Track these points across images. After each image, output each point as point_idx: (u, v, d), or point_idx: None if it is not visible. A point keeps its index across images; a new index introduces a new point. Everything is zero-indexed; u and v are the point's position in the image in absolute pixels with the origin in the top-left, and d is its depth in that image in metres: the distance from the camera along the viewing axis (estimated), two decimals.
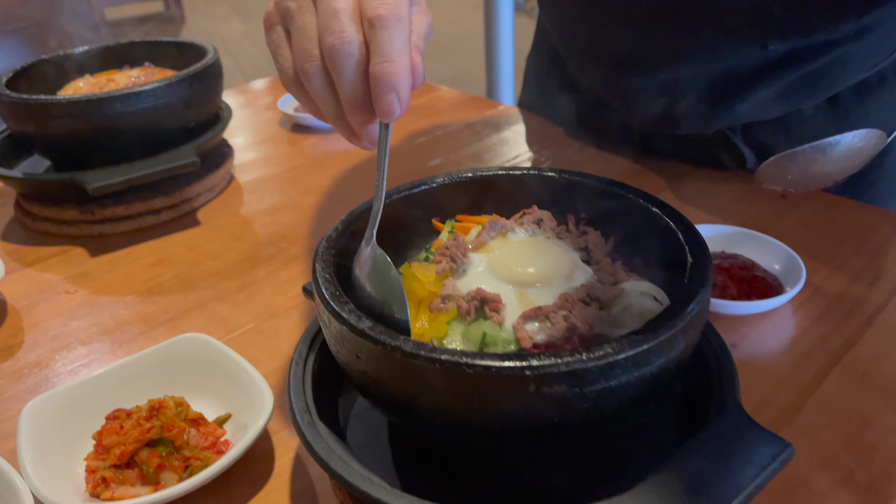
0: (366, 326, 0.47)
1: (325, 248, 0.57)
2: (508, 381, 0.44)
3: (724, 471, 0.46)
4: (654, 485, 0.45)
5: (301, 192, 1.11)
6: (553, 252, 0.58)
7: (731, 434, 0.49)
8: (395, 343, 0.46)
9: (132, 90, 0.97)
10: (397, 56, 0.49)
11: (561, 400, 0.44)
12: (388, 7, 0.49)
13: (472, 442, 0.52)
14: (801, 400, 0.66)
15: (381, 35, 0.49)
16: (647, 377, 0.46)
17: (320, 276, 0.54)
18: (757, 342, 0.73)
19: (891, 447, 0.60)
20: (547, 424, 0.46)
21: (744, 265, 0.81)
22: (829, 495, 0.57)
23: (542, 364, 0.43)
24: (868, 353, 0.71)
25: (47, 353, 0.79)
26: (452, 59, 4.91)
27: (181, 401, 0.64)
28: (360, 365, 0.49)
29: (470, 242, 0.60)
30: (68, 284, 0.91)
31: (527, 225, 0.62)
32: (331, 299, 0.51)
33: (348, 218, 0.61)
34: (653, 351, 0.46)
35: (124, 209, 1.01)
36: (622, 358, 0.44)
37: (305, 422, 0.54)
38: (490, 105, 1.41)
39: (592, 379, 0.44)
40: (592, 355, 0.44)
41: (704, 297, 0.50)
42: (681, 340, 0.48)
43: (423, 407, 0.48)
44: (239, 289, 0.88)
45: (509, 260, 0.57)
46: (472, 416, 0.47)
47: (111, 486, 0.58)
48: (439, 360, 0.44)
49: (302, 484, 0.61)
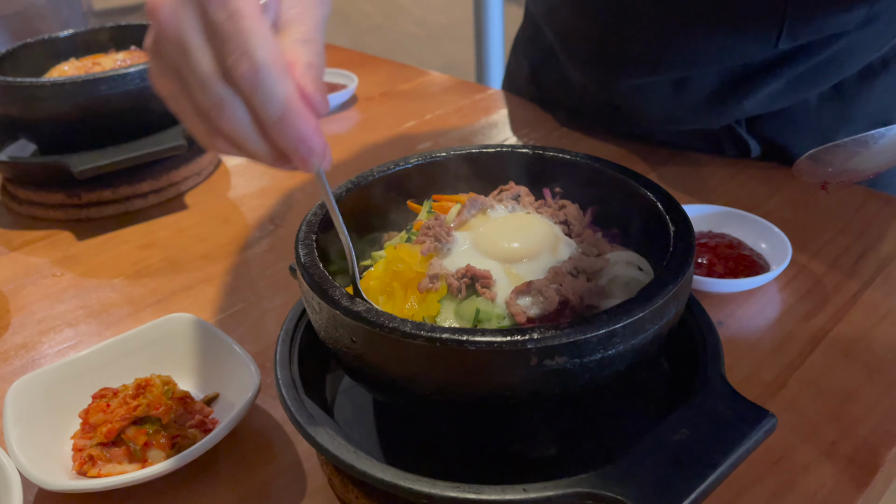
0: (361, 310, 0.47)
1: (305, 233, 0.57)
2: (511, 355, 0.44)
3: (708, 441, 0.47)
4: (639, 454, 0.46)
5: (288, 176, 1.10)
6: (536, 226, 0.58)
7: (715, 405, 0.49)
8: (394, 325, 0.45)
9: (117, 72, 0.96)
10: (284, 112, 0.42)
11: (562, 371, 0.45)
12: (247, 59, 0.41)
13: (468, 418, 0.52)
14: (785, 375, 0.66)
15: (255, 97, 0.42)
16: (641, 345, 0.47)
17: (305, 261, 0.53)
18: (743, 319, 0.74)
19: (874, 420, 0.61)
20: (547, 397, 0.46)
21: (730, 244, 0.81)
22: (812, 466, 0.57)
23: (543, 337, 0.44)
24: (852, 329, 0.71)
25: (34, 336, 0.78)
26: (442, 48, 4.90)
27: (168, 379, 0.64)
28: (356, 349, 0.49)
29: (452, 221, 0.60)
30: (55, 268, 0.90)
31: (506, 201, 0.62)
32: (321, 283, 0.50)
33: None
34: (647, 318, 0.46)
35: (111, 193, 1.00)
36: (620, 327, 0.45)
37: (292, 397, 0.54)
38: (479, 89, 1.41)
39: (592, 349, 0.45)
40: (592, 326, 0.44)
41: (691, 263, 0.50)
42: (672, 307, 0.48)
43: (423, 386, 0.48)
44: (227, 271, 0.88)
45: (494, 236, 0.57)
46: (473, 392, 0.47)
47: (98, 464, 0.58)
48: (440, 339, 0.44)
49: (289, 460, 0.61)
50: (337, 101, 1.33)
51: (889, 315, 0.73)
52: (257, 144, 0.44)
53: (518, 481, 0.45)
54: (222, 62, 0.41)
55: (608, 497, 0.44)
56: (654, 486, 0.44)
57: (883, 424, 0.61)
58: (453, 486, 0.46)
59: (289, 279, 0.84)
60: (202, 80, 0.42)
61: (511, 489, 0.45)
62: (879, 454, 0.58)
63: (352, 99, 1.37)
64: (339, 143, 1.21)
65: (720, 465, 0.45)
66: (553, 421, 0.54)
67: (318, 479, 0.59)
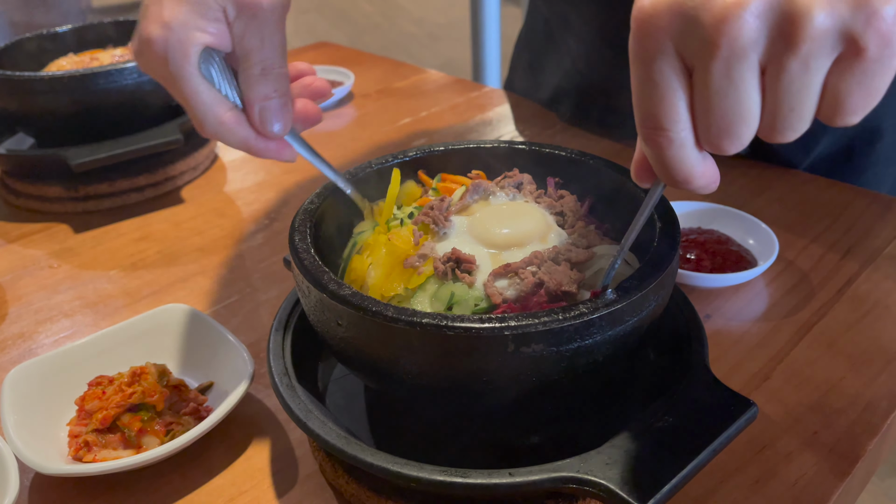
0: (347, 293, 0.48)
1: (301, 221, 0.58)
2: (488, 341, 0.45)
3: (690, 428, 0.48)
4: (623, 441, 0.47)
5: (284, 171, 1.11)
6: (529, 215, 0.59)
7: (698, 394, 0.50)
8: (376, 308, 0.47)
9: (115, 66, 0.97)
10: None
11: (538, 359, 0.46)
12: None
13: (451, 402, 0.54)
14: (770, 367, 0.67)
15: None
16: (620, 336, 0.48)
17: (298, 247, 0.55)
18: (730, 313, 0.75)
19: (856, 411, 0.62)
20: (525, 383, 0.47)
21: (718, 239, 0.82)
22: (794, 455, 0.58)
23: (520, 324, 0.45)
24: (837, 323, 0.72)
25: (31, 326, 0.79)
26: (440, 48, 4.91)
27: (163, 368, 0.65)
28: (341, 332, 0.50)
29: (454, 205, 0.61)
30: (52, 259, 0.91)
31: (508, 189, 0.63)
32: (310, 268, 0.52)
33: (323, 191, 0.62)
34: (626, 310, 0.47)
35: (108, 186, 1.01)
36: (597, 317, 0.46)
37: (284, 384, 0.55)
38: (475, 87, 1.42)
39: (569, 338, 0.46)
40: (569, 314, 0.45)
41: (674, 256, 0.51)
42: (652, 300, 0.49)
43: (405, 370, 0.49)
44: (222, 263, 0.88)
45: (486, 222, 0.58)
46: (453, 376, 0.48)
47: (93, 450, 0.59)
48: (420, 324, 0.45)
49: (282, 448, 0.62)
50: (333, 98, 1.34)
51: (873, 309, 0.74)
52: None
53: (506, 467, 0.47)
54: None
55: (592, 481, 0.45)
56: (637, 471, 0.45)
57: (864, 415, 0.62)
58: (441, 470, 0.47)
59: (283, 272, 0.85)
60: None
61: (497, 473, 0.46)
62: (861, 444, 0.59)
63: (348, 96, 1.38)
64: (334, 140, 1.22)
65: (701, 451, 0.46)
66: (540, 409, 0.55)
67: (310, 466, 0.60)
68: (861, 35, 0.34)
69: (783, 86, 0.36)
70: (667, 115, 0.39)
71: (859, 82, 0.36)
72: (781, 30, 0.35)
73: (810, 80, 0.36)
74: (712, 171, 0.41)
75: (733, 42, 0.35)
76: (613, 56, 1.04)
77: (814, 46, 0.35)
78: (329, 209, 0.61)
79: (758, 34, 0.35)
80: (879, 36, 0.34)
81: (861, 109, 0.37)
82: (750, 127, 0.38)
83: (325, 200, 0.61)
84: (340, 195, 0.62)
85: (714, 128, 0.38)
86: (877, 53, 0.34)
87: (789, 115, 0.37)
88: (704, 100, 0.37)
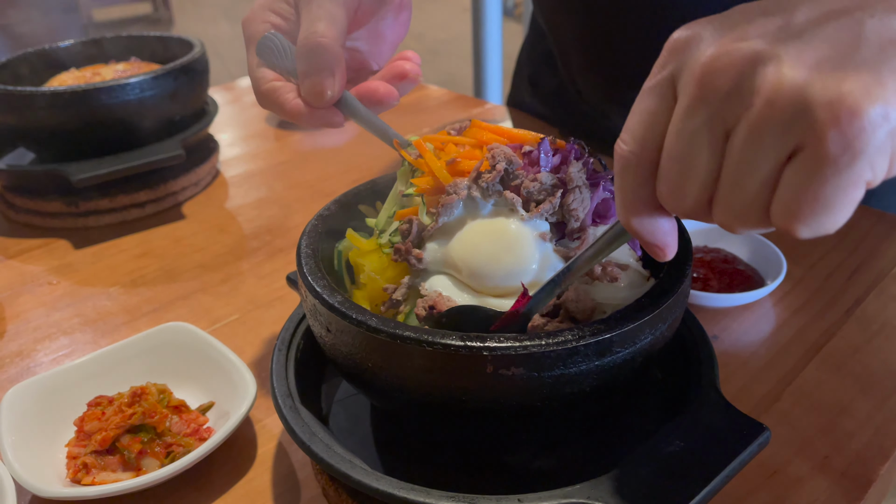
0: (336, 301, 0.49)
1: (313, 226, 0.58)
2: (466, 360, 0.44)
3: (701, 453, 0.47)
4: (633, 466, 0.46)
5: (286, 187, 1.11)
6: (515, 254, 0.52)
7: (708, 418, 0.49)
8: (361, 318, 0.47)
9: (117, 82, 0.96)
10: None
11: (518, 382, 0.45)
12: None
13: (441, 421, 0.53)
14: (779, 389, 0.66)
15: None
16: (608, 367, 0.46)
17: (303, 252, 0.55)
18: (738, 333, 0.74)
19: (867, 434, 0.61)
20: (508, 405, 0.47)
21: (725, 259, 0.81)
22: (805, 480, 0.57)
23: (499, 346, 0.44)
24: (846, 344, 0.72)
25: (29, 343, 0.78)
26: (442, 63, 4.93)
27: (164, 388, 0.64)
28: (330, 338, 0.50)
29: (428, 229, 0.55)
30: (51, 276, 0.90)
31: (491, 190, 0.54)
32: (308, 274, 0.52)
33: (342, 198, 0.62)
34: (615, 341, 0.46)
35: (108, 202, 1.00)
36: (582, 345, 0.44)
37: (287, 406, 0.54)
38: (477, 103, 1.42)
39: (551, 364, 0.44)
40: (551, 341, 0.44)
41: (680, 290, 0.50)
42: (647, 333, 0.47)
43: (386, 381, 0.49)
44: (223, 280, 0.88)
45: (467, 268, 0.53)
46: (431, 392, 0.48)
47: (92, 472, 0.58)
48: (401, 337, 0.45)
49: (284, 470, 0.61)
50: None
51: (882, 330, 0.73)
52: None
53: (514, 492, 0.46)
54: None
55: None
56: (648, 498, 0.44)
57: (876, 439, 0.61)
58: (448, 495, 0.46)
59: (285, 289, 0.85)
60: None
61: (506, 499, 0.45)
62: (872, 469, 0.58)
63: None
64: (335, 155, 1.21)
65: (714, 478, 0.45)
66: (545, 431, 0.54)
67: (313, 489, 0.59)
68: (823, 127, 0.30)
69: (730, 149, 0.33)
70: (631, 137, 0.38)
71: (808, 184, 0.31)
72: (749, 90, 0.32)
73: (758, 156, 0.32)
74: (662, 233, 0.39)
75: (703, 90, 0.33)
76: (607, 76, 1.04)
77: (771, 116, 0.31)
78: (349, 214, 0.62)
79: (728, 89, 0.33)
80: (842, 137, 0.29)
81: (811, 220, 0.32)
82: (692, 187, 0.35)
83: (341, 206, 0.62)
84: (349, 210, 0.61)
85: (663, 171, 0.36)
86: (834, 156, 0.30)
87: (733, 190, 0.34)
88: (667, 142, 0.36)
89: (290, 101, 0.58)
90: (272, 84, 0.59)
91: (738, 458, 0.46)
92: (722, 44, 0.34)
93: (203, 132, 1.10)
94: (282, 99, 0.58)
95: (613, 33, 0.99)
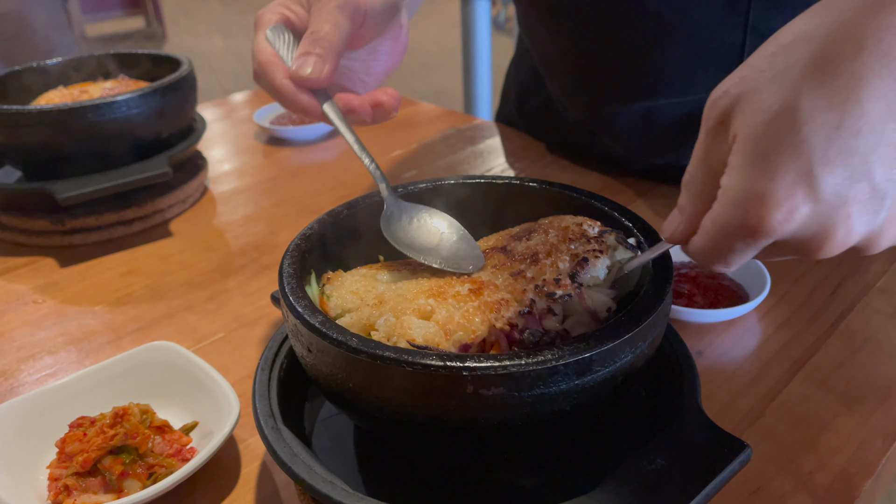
0: (317, 322, 0.49)
1: (296, 245, 0.58)
2: (446, 380, 0.44)
3: (683, 471, 0.47)
4: (614, 485, 0.46)
5: (274, 204, 1.11)
6: None
7: (690, 436, 0.50)
8: (341, 338, 0.47)
9: (104, 100, 0.96)
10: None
11: (499, 402, 0.45)
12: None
13: (421, 440, 0.53)
14: (763, 405, 0.66)
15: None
16: (588, 386, 0.46)
17: (286, 272, 0.55)
18: (722, 349, 0.74)
19: (850, 450, 0.61)
20: (489, 425, 0.46)
21: (710, 274, 0.82)
22: (788, 497, 0.57)
23: (479, 366, 0.44)
24: (829, 359, 0.72)
25: (12, 363, 0.78)
26: (432, 77, 4.95)
27: (146, 408, 0.64)
28: (312, 358, 0.50)
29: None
30: (36, 294, 0.90)
31: None
32: (290, 294, 0.52)
33: (326, 217, 0.62)
34: (595, 360, 0.46)
35: (95, 220, 1.00)
36: (562, 364, 0.44)
37: (270, 426, 0.54)
38: (466, 119, 1.43)
39: (531, 383, 0.44)
40: (531, 360, 0.44)
41: (660, 308, 0.50)
42: (627, 351, 0.47)
43: (369, 402, 0.48)
44: (209, 298, 0.87)
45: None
46: (411, 412, 0.47)
47: (73, 494, 0.58)
48: (381, 357, 0.45)
49: (267, 491, 0.61)
50: (324, 130, 1.34)
51: (866, 345, 0.74)
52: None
53: None
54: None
55: None
56: None
57: (859, 454, 0.61)
58: None
59: (271, 307, 0.84)
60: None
61: None
62: (856, 485, 0.58)
63: None
64: (325, 171, 1.22)
65: (695, 496, 0.45)
66: (528, 450, 0.54)
67: None
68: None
69: None
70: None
71: None
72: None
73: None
74: None
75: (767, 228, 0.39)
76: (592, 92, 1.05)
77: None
78: (333, 231, 0.62)
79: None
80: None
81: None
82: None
83: (324, 227, 0.61)
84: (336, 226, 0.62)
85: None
86: None
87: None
88: None
89: (279, 77, 0.63)
90: (270, 57, 0.65)
91: (720, 476, 0.46)
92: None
93: (190, 149, 1.10)
94: (273, 74, 0.64)
95: (598, 50, 1.00)
